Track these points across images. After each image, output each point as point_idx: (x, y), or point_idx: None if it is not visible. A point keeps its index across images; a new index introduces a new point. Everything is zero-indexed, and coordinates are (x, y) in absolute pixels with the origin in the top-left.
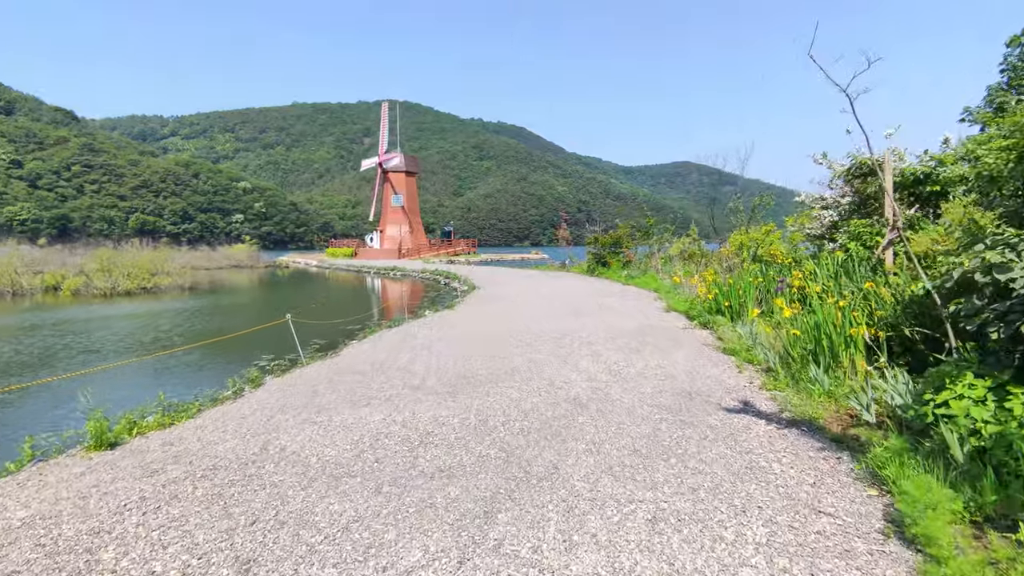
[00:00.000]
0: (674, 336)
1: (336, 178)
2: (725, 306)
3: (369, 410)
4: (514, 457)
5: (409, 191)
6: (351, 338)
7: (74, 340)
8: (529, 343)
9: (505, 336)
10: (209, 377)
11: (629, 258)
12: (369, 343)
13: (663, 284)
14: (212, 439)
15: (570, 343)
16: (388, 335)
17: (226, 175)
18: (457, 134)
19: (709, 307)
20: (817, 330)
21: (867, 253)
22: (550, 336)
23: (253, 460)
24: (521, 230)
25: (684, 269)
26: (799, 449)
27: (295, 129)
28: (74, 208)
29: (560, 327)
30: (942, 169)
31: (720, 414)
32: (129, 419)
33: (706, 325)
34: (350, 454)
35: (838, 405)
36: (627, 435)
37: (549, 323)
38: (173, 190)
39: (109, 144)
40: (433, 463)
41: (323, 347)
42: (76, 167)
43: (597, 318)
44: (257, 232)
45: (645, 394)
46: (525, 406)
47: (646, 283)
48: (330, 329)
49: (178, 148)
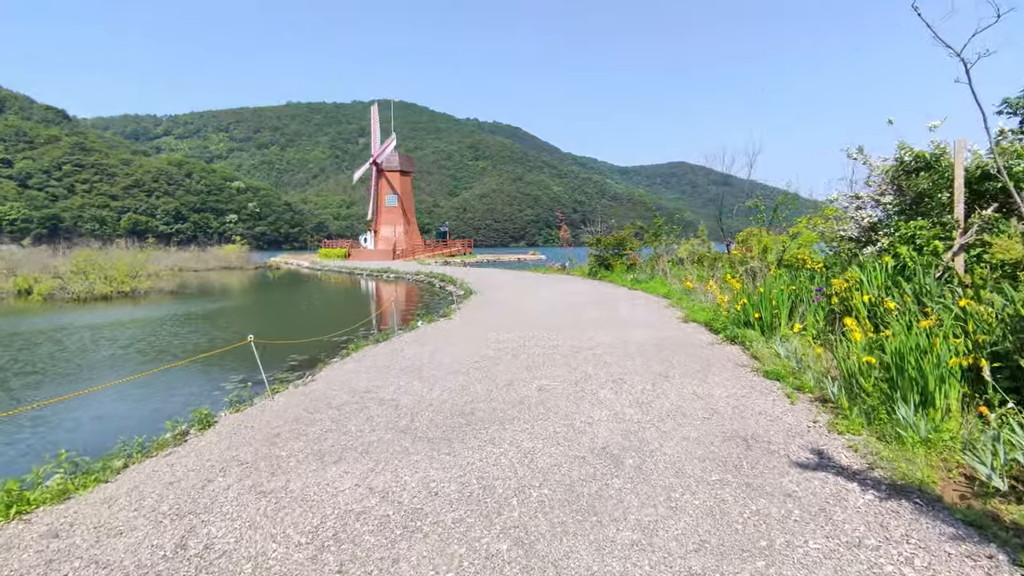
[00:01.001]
0: (702, 354)
1: (331, 178)
2: (755, 318)
3: (340, 469)
4: (536, 558)
5: (404, 191)
6: (333, 354)
7: (5, 361)
8: (537, 364)
9: (508, 354)
10: (156, 408)
11: (634, 260)
12: (351, 363)
13: (673, 289)
14: (115, 523)
15: (584, 364)
16: (374, 352)
17: (220, 175)
18: (452, 134)
19: (735, 318)
20: (901, 358)
21: (927, 259)
22: (560, 354)
23: (159, 572)
24: (517, 230)
25: (697, 273)
26: (928, 540)
27: (290, 129)
28: (65, 208)
29: (570, 342)
30: (1017, 162)
31: (794, 473)
32: (11, 489)
33: (734, 340)
34: (303, 555)
35: (943, 459)
36: (684, 512)
37: (556, 336)
38: (166, 190)
39: (101, 143)
40: (420, 573)
41: (300, 365)
42: (67, 166)
43: (610, 330)
44: (251, 232)
45: (691, 441)
46: (541, 462)
47: (655, 288)
48: (311, 345)
49: (172, 148)
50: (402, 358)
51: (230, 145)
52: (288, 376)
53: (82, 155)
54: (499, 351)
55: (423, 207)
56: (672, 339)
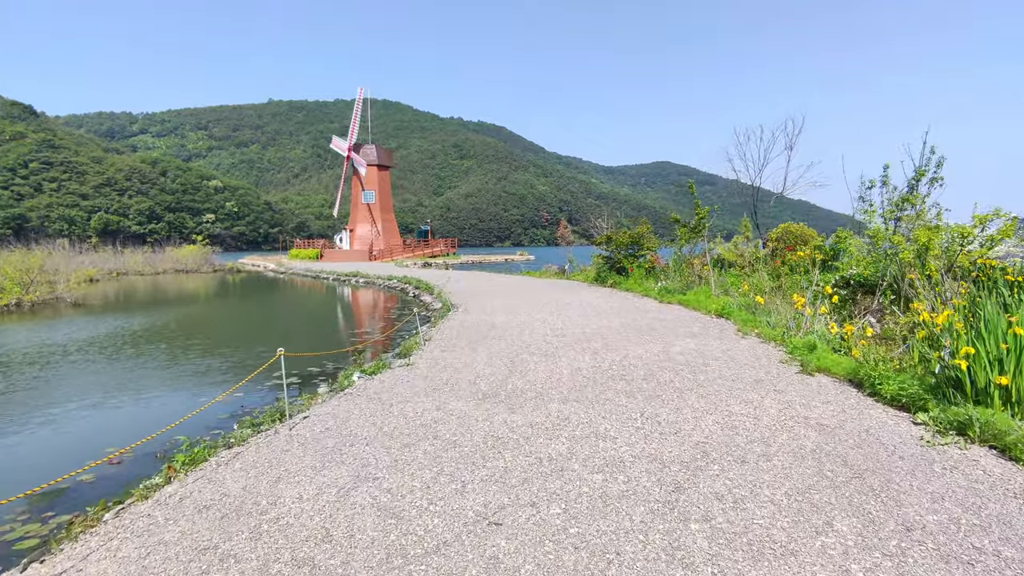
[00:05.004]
0: (937, 499)
1: (313, 177)
2: (998, 383)
3: None
4: None
5: (382, 187)
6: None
7: None
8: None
9: (514, 495)
10: None
11: (654, 263)
12: (170, 525)
13: (730, 305)
14: None
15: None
16: (230, 483)
17: (196, 173)
18: (436, 133)
19: (941, 379)
20: None
21: None
22: (624, 497)
23: None
24: (502, 230)
25: (770, 282)
26: None
27: (270, 127)
28: (31, 207)
29: (634, 444)
30: None
31: None
32: None
33: (963, 431)
34: None
35: None
36: None
37: (597, 419)
38: (139, 188)
39: (69, 140)
40: None
41: (110, 489)
42: (34, 164)
43: (705, 412)
44: (229, 232)
45: None
46: None
47: (698, 302)
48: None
49: (148, 146)
50: (277, 505)
51: (209, 143)
52: (65, 537)
53: (50, 152)
54: (492, 489)
55: (407, 206)
56: (845, 441)
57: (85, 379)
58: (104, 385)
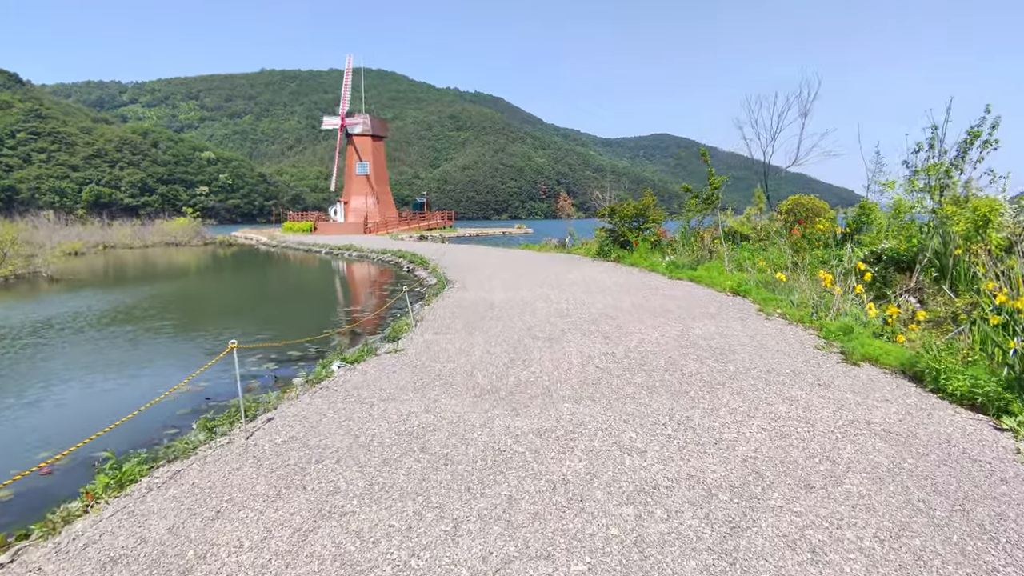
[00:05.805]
0: None
1: (308, 149)
2: None
3: None
4: None
5: (376, 158)
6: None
7: None
8: None
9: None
10: None
11: (660, 236)
12: None
13: (747, 282)
14: None
15: None
16: (154, 522)
17: (188, 144)
18: (433, 103)
19: (1022, 372)
20: None
21: None
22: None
23: None
24: (499, 202)
25: (792, 257)
26: None
27: (263, 97)
28: (21, 179)
29: (668, 460)
30: None
31: None
32: None
33: None
34: None
35: None
36: None
37: (618, 424)
38: (131, 160)
39: (56, 110)
40: None
41: None
42: (21, 134)
43: (746, 414)
44: (223, 205)
45: None
46: None
47: (711, 278)
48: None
49: (138, 116)
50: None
51: (201, 114)
52: None
53: (38, 122)
54: (499, 514)
55: (403, 178)
56: (926, 456)
57: (32, 367)
58: (53, 373)
